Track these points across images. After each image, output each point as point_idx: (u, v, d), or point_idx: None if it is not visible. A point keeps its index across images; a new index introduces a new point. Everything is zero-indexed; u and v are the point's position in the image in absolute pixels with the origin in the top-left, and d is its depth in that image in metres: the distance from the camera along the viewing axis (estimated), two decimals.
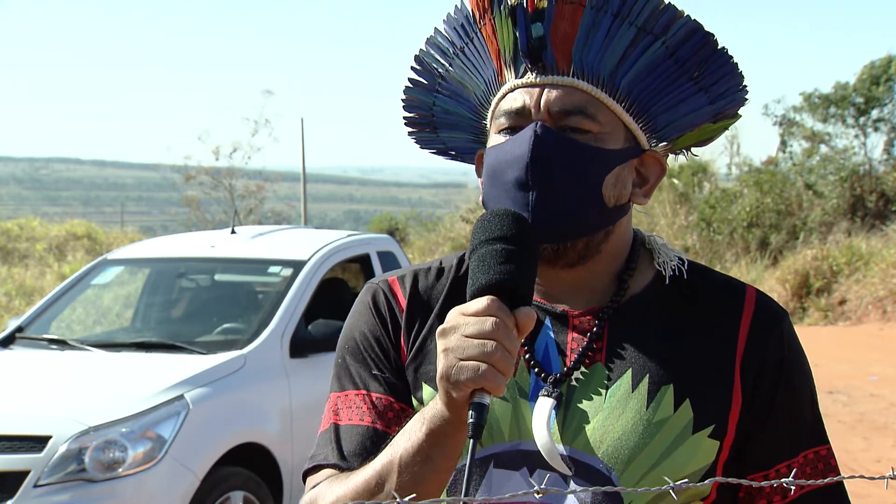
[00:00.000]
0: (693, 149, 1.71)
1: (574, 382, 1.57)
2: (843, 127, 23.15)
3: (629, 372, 1.56)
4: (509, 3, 1.58)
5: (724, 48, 1.58)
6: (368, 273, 7.33)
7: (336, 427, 1.61)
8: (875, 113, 22.77)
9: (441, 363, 1.37)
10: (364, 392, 1.62)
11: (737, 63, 1.60)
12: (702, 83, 1.59)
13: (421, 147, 1.81)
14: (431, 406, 1.44)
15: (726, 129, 1.68)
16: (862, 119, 22.79)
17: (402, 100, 1.75)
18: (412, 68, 1.72)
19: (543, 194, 1.52)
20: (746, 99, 1.64)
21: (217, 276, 7.21)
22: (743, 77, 1.61)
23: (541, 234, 1.50)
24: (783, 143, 24.03)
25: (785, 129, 23.76)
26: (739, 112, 1.66)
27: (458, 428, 1.40)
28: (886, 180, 22.11)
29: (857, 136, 23.04)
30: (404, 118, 1.77)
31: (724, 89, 1.60)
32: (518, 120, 1.57)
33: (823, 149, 23.51)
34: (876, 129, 22.91)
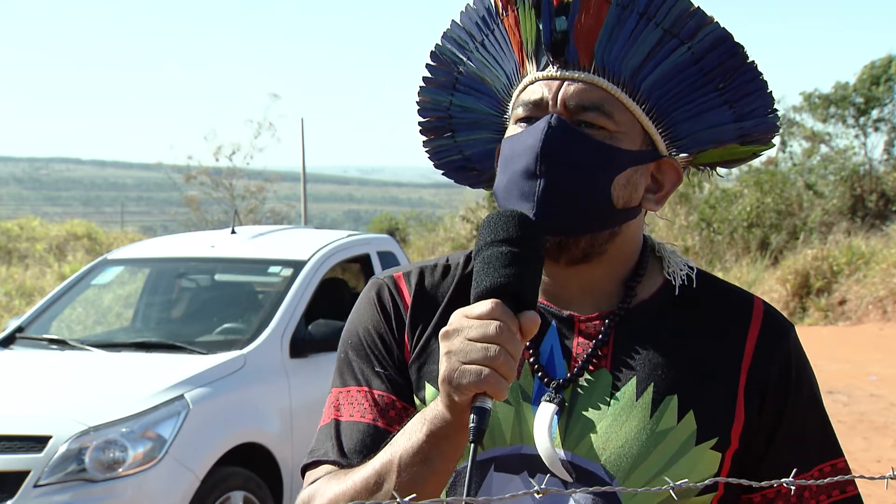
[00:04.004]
0: (718, 168, 1.67)
1: (578, 388, 1.56)
2: (844, 127, 23.18)
3: (634, 380, 1.55)
4: None
5: (753, 62, 1.55)
6: (368, 273, 7.32)
7: (337, 423, 1.60)
8: (875, 113, 22.79)
9: (443, 366, 1.36)
10: (366, 389, 1.60)
11: (766, 81, 1.56)
12: (727, 96, 1.56)
13: (436, 163, 1.77)
14: (433, 407, 1.42)
15: (757, 155, 1.64)
16: (862, 119, 22.80)
17: (417, 102, 1.72)
18: (427, 66, 1.69)
19: (550, 185, 1.50)
20: (778, 126, 1.60)
21: (217, 276, 7.20)
22: (773, 99, 1.58)
23: (545, 224, 1.49)
24: (783, 143, 24.04)
25: (785, 130, 23.76)
26: (773, 141, 1.62)
27: (458, 431, 1.39)
28: (886, 180, 22.12)
29: (857, 136, 23.07)
30: (419, 123, 1.74)
31: (751, 108, 1.57)
32: (535, 111, 1.56)
33: (823, 149, 23.53)
34: (876, 129, 22.93)
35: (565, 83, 1.55)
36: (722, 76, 1.55)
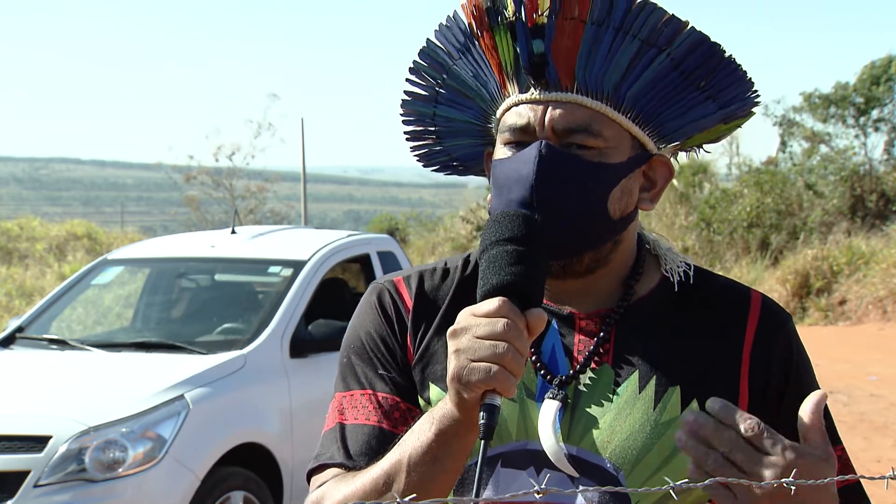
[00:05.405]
0: (704, 146, 1.71)
1: (581, 384, 1.58)
2: (844, 127, 23.17)
3: (636, 374, 1.57)
4: (507, 17, 1.56)
5: (730, 57, 1.57)
6: (368, 273, 7.33)
7: (342, 426, 1.61)
8: (875, 113, 22.78)
9: (452, 364, 1.37)
10: (370, 392, 1.62)
11: (745, 71, 1.58)
12: (709, 92, 1.58)
13: (425, 164, 1.79)
14: (441, 406, 1.43)
15: (739, 126, 1.67)
16: (862, 119, 22.79)
17: (401, 114, 1.74)
18: (408, 80, 1.71)
19: (548, 214, 1.52)
20: (758, 102, 1.64)
21: (217, 276, 7.20)
22: (752, 83, 1.60)
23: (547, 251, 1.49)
24: (783, 144, 24.05)
25: (785, 130, 23.76)
26: (753, 111, 1.65)
27: (468, 428, 1.40)
28: (886, 180, 22.12)
29: (857, 137, 23.06)
30: (405, 133, 1.75)
31: (733, 95, 1.60)
32: (523, 136, 1.56)
33: (823, 149, 23.52)
34: (876, 129, 22.92)
35: (550, 106, 1.55)
36: (703, 76, 1.57)
